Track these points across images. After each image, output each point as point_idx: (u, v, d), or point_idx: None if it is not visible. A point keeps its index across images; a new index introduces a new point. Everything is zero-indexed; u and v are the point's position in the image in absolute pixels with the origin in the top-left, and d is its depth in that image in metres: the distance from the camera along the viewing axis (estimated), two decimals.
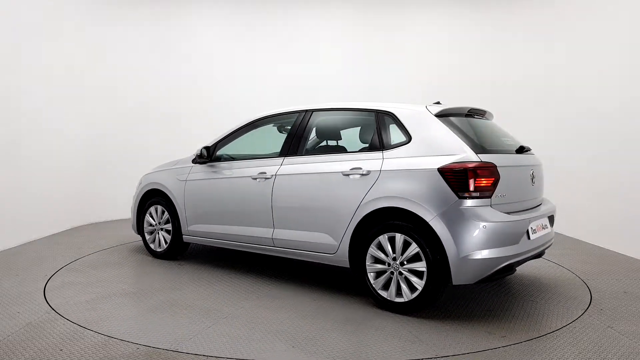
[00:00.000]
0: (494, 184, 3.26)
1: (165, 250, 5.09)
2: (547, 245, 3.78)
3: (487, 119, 4.10)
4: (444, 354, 2.79)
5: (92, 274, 4.57)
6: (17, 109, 5.82)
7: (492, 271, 3.19)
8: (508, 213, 3.33)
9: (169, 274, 4.60)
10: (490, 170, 3.26)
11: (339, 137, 4.35)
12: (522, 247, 3.35)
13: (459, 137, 3.41)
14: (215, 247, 4.80)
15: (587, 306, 3.64)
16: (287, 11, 8.16)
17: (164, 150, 7.93)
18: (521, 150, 3.78)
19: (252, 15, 8.12)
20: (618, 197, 5.58)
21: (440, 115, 3.59)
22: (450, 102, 3.93)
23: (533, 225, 3.50)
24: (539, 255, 3.82)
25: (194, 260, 5.15)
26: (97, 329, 3.17)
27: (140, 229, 5.38)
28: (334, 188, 3.78)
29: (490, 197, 3.25)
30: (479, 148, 3.40)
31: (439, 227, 3.22)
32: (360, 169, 3.66)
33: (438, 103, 3.85)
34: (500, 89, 7.73)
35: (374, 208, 3.53)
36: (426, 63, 8.07)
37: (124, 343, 2.90)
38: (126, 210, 7.88)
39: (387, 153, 3.62)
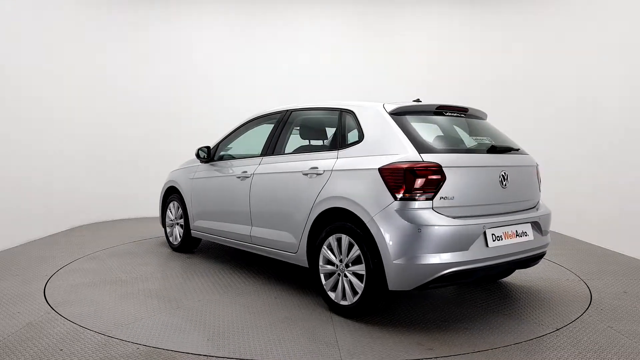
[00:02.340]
0: (437, 185, 3.04)
1: (180, 244, 5.41)
2: (528, 254, 3.43)
3: (478, 117, 3.89)
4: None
5: (95, 264, 4.71)
6: (18, 109, 5.82)
7: (430, 278, 2.96)
8: (458, 217, 3.07)
9: (169, 266, 4.88)
10: (432, 171, 3.04)
11: (312, 137, 4.31)
12: (474, 255, 3.04)
13: (406, 136, 3.22)
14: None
15: (587, 306, 3.64)
16: (287, 11, 8.16)
17: (166, 150, 7.96)
18: (493, 150, 3.47)
19: (252, 15, 8.12)
20: (618, 197, 5.59)
21: (397, 113, 3.41)
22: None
23: (496, 231, 3.20)
24: (524, 264, 3.58)
25: (205, 253, 5.40)
26: (61, 310, 3.47)
27: (163, 223, 5.74)
28: (295, 187, 3.79)
29: (431, 199, 3.02)
30: (429, 148, 3.18)
31: (375, 230, 3.08)
32: (317, 168, 3.64)
33: (418, 100, 3.76)
34: (499, 88, 7.74)
35: (324, 208, 3.48)
36: (425, 62, 8.08)
37: (123, 343, 2.90)
38: (127, 210, 7.93)
39: (341, 152, 3.55)
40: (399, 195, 3.03)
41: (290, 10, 8.17)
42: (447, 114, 3.63)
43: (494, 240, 3.17)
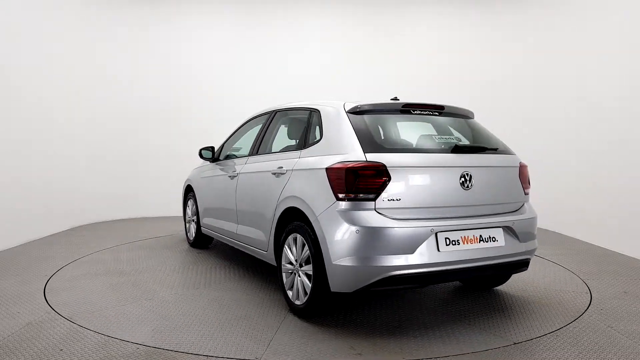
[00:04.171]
0: (380, 186, 2.94)
1: (194, 240, 5.63)
2: (497, 261, 3.18)
3: (461, 116, 3.70)
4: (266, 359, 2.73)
5: (109, 255, 5.13)
6: (18, 109, 5.82)
7: (371, 281, 2.87)
8: (404, 219, 2.95)
9: (173, 259, 5.12)
10: (374, 171, 2.94)
11: (291, 136, 4.31)
12: (420, 259, 2.89)
13: (357, 135, 3.13)
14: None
15: (587, 306, 3.64)
16: (287, 11, 8.16)
17: (166, 150, 7.96)
18: (457, 149, 3.25)
19: (252, 15, 8.13)
20: (618, 197, 5.58)
21: (356, 112, 3.32)
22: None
23: (451, 235, 3.01)
24: (501, 271, 3.37)
25: (217, 250, 5.58)
26: (49, 297, 3.72)
27: (184, 220, 6.04)
28: (266, 187, 3.83)
29: (374, 199, 2.93)
30: (378, 147, 3.08)
31: (319, 230, 3.06)
32: (282, 167, 3.66)
33: (395, 99, 3.69)
34: (500, 88, 7.73)
35: (285, 207, 3.49)
36: (425, 62, 8.08)
37: (124, 343, 2.90)
38: (127, 210, 7.93)
39: (303, 152, 3.54)
40: (341, 196, 2.98)
41: (291, 10, 8.17)
42: (415, 112, 3.46)
43: (447, 245, 2.99)
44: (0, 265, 4.80)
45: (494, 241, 3.17)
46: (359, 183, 2.94)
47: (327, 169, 3.12)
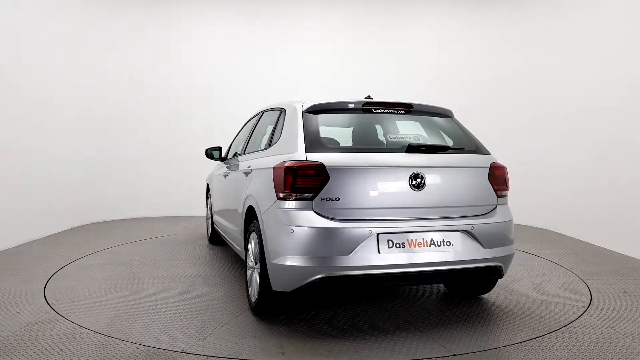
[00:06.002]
0: (319, 186, 2.89)
1: (210, 236, 5.90)
2: (451, 267, 2.96)
3: (435, 114, 3.58)
4: (201, 352, 2.75)
5: (132, 248, 5.53)
6: (19, 109, 5.82)
7: (305, 282, 2.82)
8: (343, 219, 2.88)
9: (182, 253, 5.38)
10: (313, 171, 2.90)
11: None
12: (358, 261, 2.79)
13: (304, 134, 3.12)
14: None
15: (587, 306, 3.64)
16: (288, 11, 8.17)
17: (166, 150, 7.95)
18: (411, 149, 3.13)
19: (253, 14, 8.13)
20: (618, 197, 5.58)
21: (312, 111, 3.29)
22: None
23: (395, 238, 2.88)
24: (451, 277, 3.11)
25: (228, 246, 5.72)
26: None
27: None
28: (239, 186, 3.94)
29: (311, 199, 2.88)
30: (321, 147, 3.05)
31: (262, 228, 3.10)
32: (250, 167, 3.74)
33: (369, 97, 3.66)
34: (499, 88, 7.73)
35: (247, 206, 3.56)
36: (425, 62, 8.08)
37: (124, 343, 2.90)
38: (127, 210, 7.92)
39: (266, 151, 3.61)
40: (282, 195, 2.99)
41: (293, 10, 8.17)
42: (378, 111, 3.38)
43: (390, 247, 2.86)
44: (0, 265, 4.80)
45: (448, 245, 2.98)
46: (297, 182, 2.92)
47: (273, 168, 3.15)
